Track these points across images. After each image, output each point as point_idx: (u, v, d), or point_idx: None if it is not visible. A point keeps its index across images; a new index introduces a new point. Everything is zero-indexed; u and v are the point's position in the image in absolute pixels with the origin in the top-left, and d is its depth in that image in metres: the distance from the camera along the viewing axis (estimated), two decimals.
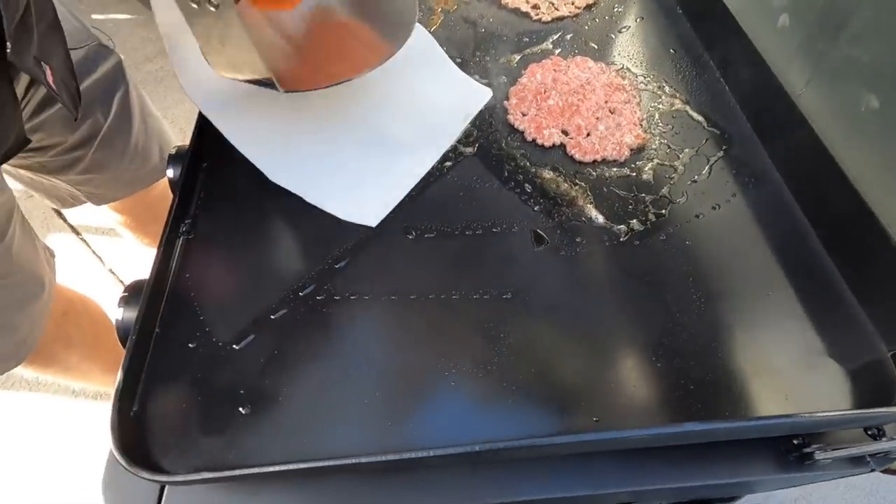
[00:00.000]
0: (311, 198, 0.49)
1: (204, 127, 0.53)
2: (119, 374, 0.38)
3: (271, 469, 0.33)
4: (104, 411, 0.36)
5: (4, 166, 0.66)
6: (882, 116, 0.55)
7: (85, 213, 0.91)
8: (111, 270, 1.51)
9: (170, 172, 0.58)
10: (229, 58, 0.43)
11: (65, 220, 1.66)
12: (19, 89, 0.60)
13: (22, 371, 0.81)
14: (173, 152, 0.58)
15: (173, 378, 0.40)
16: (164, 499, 0.38)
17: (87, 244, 1.56)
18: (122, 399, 0.37)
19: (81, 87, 0.65)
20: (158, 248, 0.45)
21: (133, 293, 0.47)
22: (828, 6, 0.63)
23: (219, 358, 0.41)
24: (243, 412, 0.38)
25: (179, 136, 0.95)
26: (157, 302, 0.43)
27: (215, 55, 0.43)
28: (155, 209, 0.98)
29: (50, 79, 0.56)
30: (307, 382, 0.40)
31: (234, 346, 0.41)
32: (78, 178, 0.80)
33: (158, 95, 1.84)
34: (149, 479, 0.33)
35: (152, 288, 0.42)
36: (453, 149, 0.54)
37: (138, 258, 1.47)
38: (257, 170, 0.50)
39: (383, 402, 0.39)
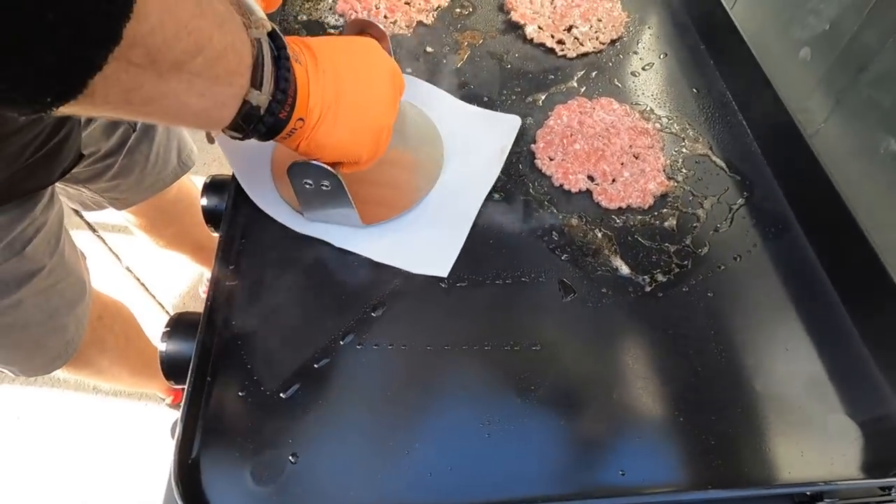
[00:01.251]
0: (379, 257, 0.51)
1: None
2: (179, 425, 0.40)
3: None
4: (122, 408, 0.38)
5: None
6: None
7: (100, 212, 0.94)
8: (128, 268, 1.54)
9: (204, 201, 0.60)
10: (325, 211, 0.51)
11: (82, 217, 1.69)
12: None
13: (58, 373, 0.85)
14: (208, 181, 0.61)
15: (226, 426, 0.43)
16: None
17: (104, 241, 1.59)
18: (182, 448, 0.39)
19: None
20: (208, 297, 0.48)
21: (175, 328, 0.49)
22: (850, 45, 0.64)
23: (267, 407, 0.44)
24: (292, 461, 0.41)
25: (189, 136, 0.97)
26: (208, 350, 0.45)
27: (311, 211, 0.52)
28: (170, 212, 1.01)
29: None
30: (351, 432, 0.43)
31: (282, 394, 0.44)
32: (105, 185, 0.83)
33: None
34: None
35: (204, 337, 0.45)
36: None
37: (154, 257, 1.51)
38: None
39: (422, 453, 0.42)
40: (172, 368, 0.48)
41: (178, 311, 1.52)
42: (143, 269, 1.53)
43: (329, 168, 0.44)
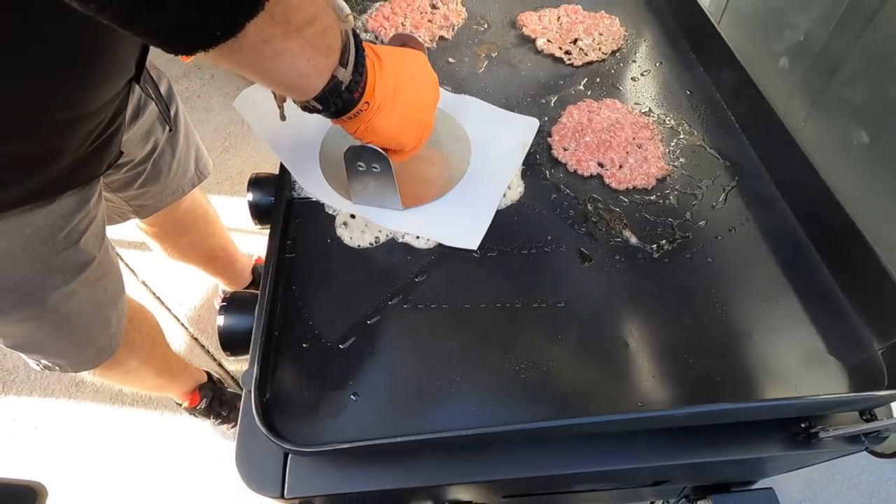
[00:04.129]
0: (417, 231, 0.59)
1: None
2: (255, 368, 0.46)
3: (381, 441, 0.42)
4: (138, 417, 0.43)
5: None
6: (871, 150, 0.65)
7: (114, 228, 0.99)
8: (144, 283, 1.59)
9: (250, 196, 0.67)
10: (371, 194, 0.59)
11: None
12: None
13: (86, 376, 0.88)
14: (253, 178, 0.68)
15: (294, 371, 0.49)
16: (287, 469, 0.46)
17: (121, 257, 1.64)
18: (259, 388, 0.45)
19: (151, 106, 0.76)
20: (267, 264, 0.54)
21: (231, 303, 0.56)
22: (822, 53, 0.73)
23: (328, 356, 0.50)
24: (354, 399, 0.47)
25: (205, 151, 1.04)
26: (273, 310, 0.52)
27: (359, 194, 0.59)
28: (184, 222, 1.07)
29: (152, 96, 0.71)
30: (402, 375, 0.49)
31: (340, 346, 0.50)
32: (134, 192, 0.89)
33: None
34: (290, 449, 0.42)
35: (270, 298, 0.51)
36: None
37: (168, 272, 1.56)
38: None
39: (465, 391, 0.48)
40: (229, 340, 0.54)
41: (193, 323, 1.56)
42: (158, 283, 1.58)
43: (381, 150, 0.51)
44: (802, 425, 0.48)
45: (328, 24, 0.39)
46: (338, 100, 0.44)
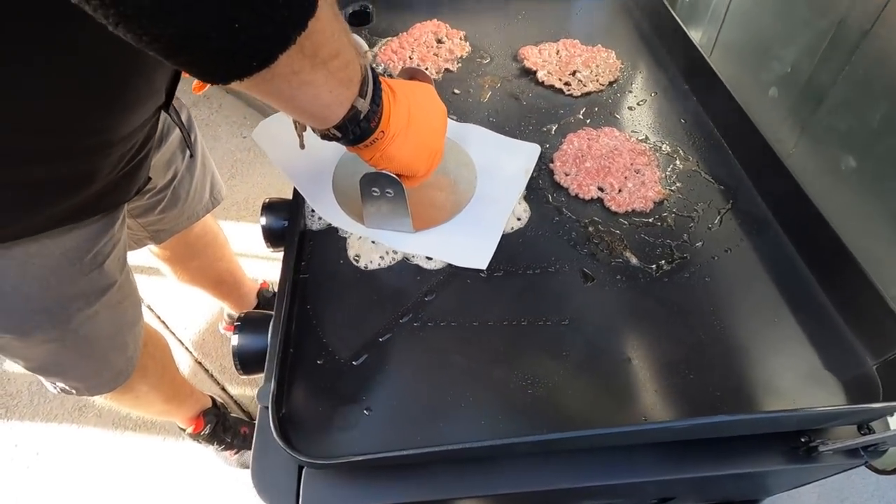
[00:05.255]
0: (428, 252, 0.61)
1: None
2: (272, 384, 0.48)
3: (392, 454, 0.43)
4: (141, 442, 0.44)
5: None
6: (858, 174, 0.68)
7: None
8: (149, 307, 1.61)
9: (263, 220, 0.69)
10: (384, 217, 0.61)
11: None
12: None
13: (92, 400, 0.88)
14: (266, 202, 0.70)
15: (308, 388, 0.50)
16: (301, 483, 0.47)
17: None
18: (276, 404, 0.47)
19: (174, 134, 0.79)
20: (282, 285, 0.56)
21: (245, 322, 0.58)
22: (809, 83, 0.76)
23: (341, 372, 0.52)
24: (367, 413, 0.49)
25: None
26: (288, 329, 0.54)
27: (372, 217, 0.62)
28: (195, 245, 1.09)
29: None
30: (413, 390, 0.51)
31: (353, 362, 0.52)
32: (154, 218, 0.91)
33: None
34: (306, 461, 0.43)
35: (286, 318, 0.53)
36: None
37: (174, 296, 1.57)
38: None
39: (475, 406, 0.49)
40: (244, 358, 0.56)
41: (197, 347, 1.57)
42: (164, 307, 1.60)
43: (395, 176, 0.54)
44: (802, 439, 0.49)
45: (350, 58, 0.43)
46: (356, 128, 0.47)
